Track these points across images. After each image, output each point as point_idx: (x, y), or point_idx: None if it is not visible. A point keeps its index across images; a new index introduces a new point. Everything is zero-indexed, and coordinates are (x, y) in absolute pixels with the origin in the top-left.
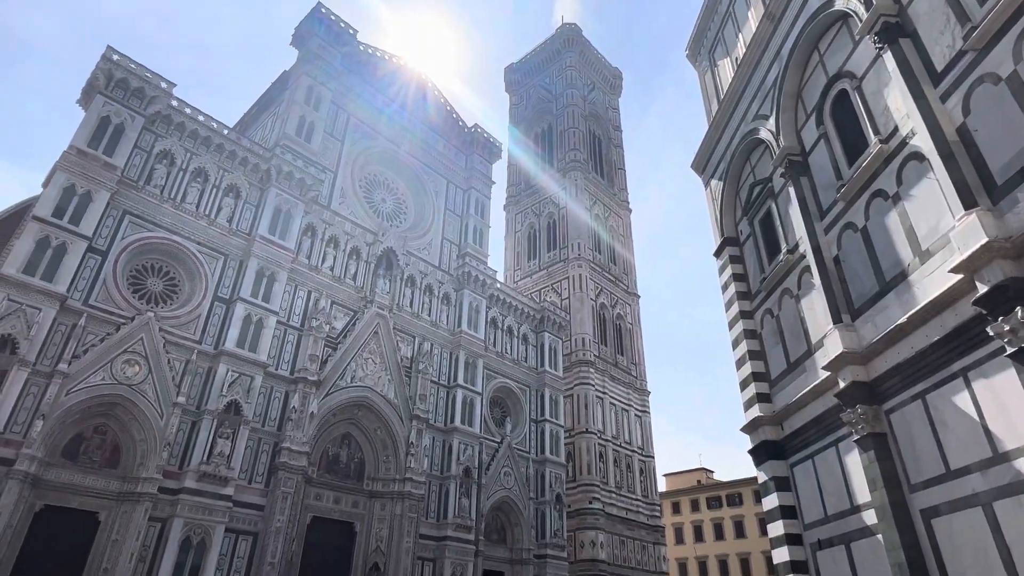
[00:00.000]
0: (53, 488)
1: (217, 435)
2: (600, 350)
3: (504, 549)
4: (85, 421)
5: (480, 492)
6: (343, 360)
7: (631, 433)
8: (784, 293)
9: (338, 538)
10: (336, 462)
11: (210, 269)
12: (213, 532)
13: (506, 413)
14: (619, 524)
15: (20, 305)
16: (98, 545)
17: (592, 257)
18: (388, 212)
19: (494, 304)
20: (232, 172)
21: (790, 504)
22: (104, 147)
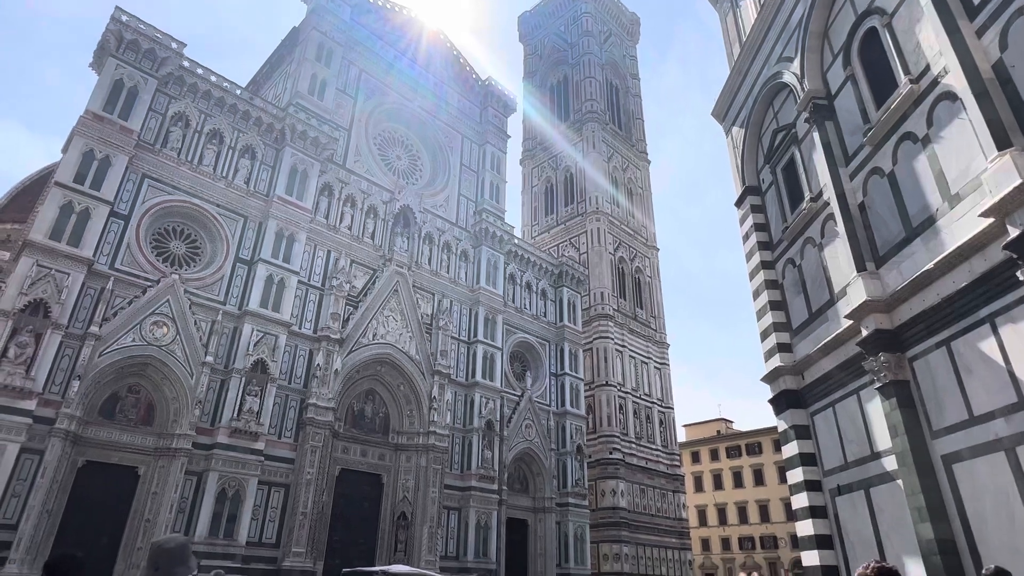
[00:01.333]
0: (93, 445)
1: (246, 393)
2: (619, 304)
3: (527, 498)
4: (119, 381)
5: (502, 444)
6: (364, 318)
7: (651, 385)
8: (807, 242)
9: (366, 489)
10: (361, 417)
11: (230, 231)
12: (247, 484)
13: (526, 367)
14: (639, 473)
15: (49, 270)
16: (139, 497)
17: (610, 210)
18: (403, 170)
19: (512, 260)
20: (247, 133)
21: (810, 452)
22: (119, 111)
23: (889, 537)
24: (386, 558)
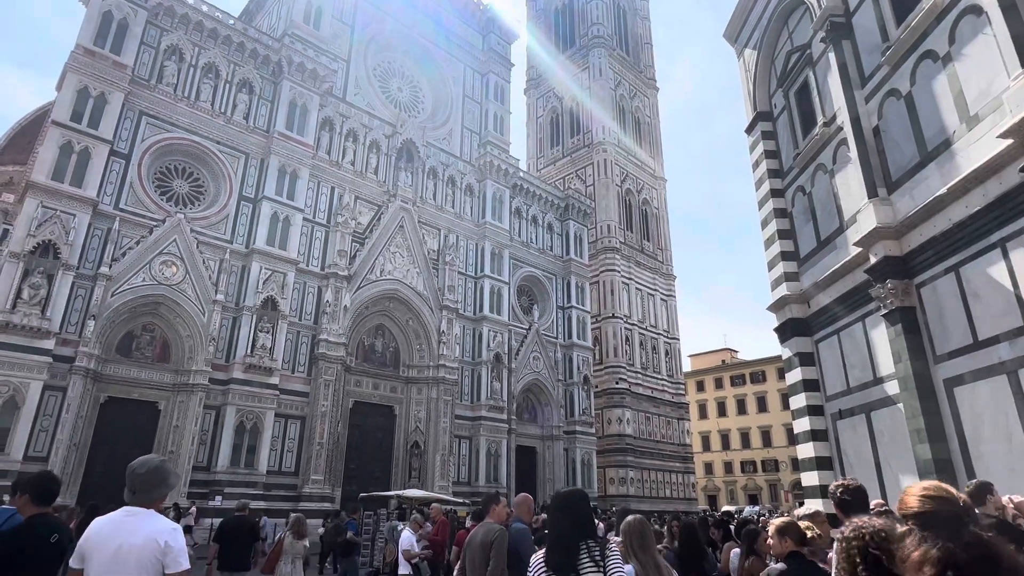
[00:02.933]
0: (113, 382)
1: (258, 330)
2: (626, 236)
3: (535, 427)
4: (133, 320)
5: (511, 376)
6: (371, 255)
7: (657, 317)
8: (818, 169)
9: (379, 420)
10: (372, 351)
11: (232, 168)
12: (264, 417)
13: (533, 301)
14: (645, 402)
15: (55, 211)
16: (161, 430)
17: (617, 141)
18: (405, 102)
19: (518, 194)
20: (243, 66)
21: (813, 378)
22: (111, 45)
23: (887, 458)
24: (401, 484)
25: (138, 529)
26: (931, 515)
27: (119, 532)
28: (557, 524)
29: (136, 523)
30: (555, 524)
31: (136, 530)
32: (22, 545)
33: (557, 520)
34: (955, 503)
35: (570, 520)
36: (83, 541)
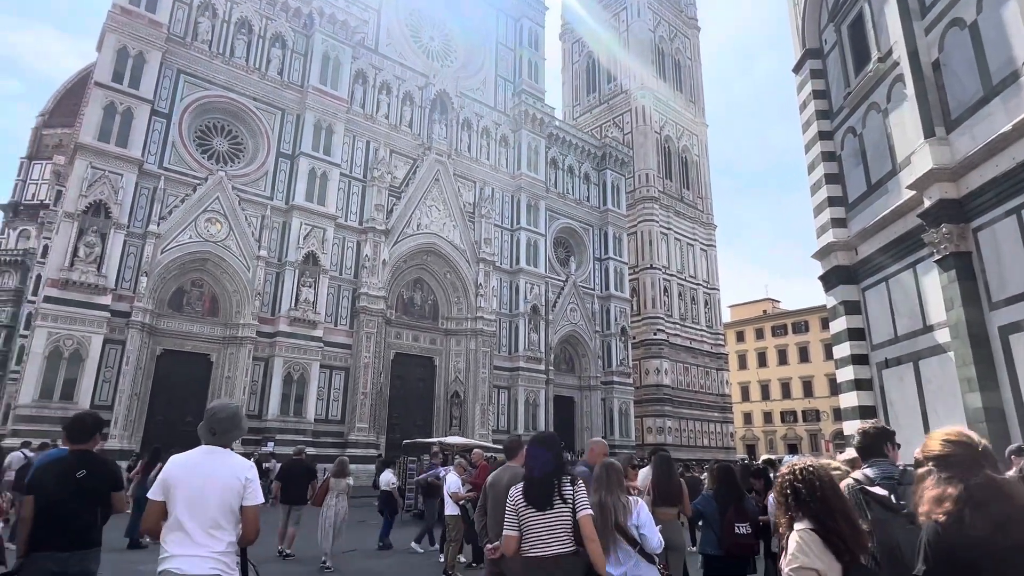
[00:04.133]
0: (167, 335)
1: (300, 284)
2: (665, 185)
3: (573, 377)
4: (183, 276)
5: (548, 327)
6: (407, 208)
7: (696, 267)
8: (871, 108)
9: (420, 371)
10: (411, 304)
11: (269, 125)
12: (310, 368)
13: (570, 252)
14: (683, 353)
15: (103, 172)
16: (214, 381)
17: (656, 86)
18: (437, 51)
19: (553, 143)
20: (275, 20)
21: (859, 327)
22: (145, 3)
23: (935, 407)
24: (442, 432)
25: (220, 466)
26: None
27: (203, 468)
28: (534, 464)
29: (217, 460)
30: (532, 464)
31: (218, 467)
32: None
33: (534, 460)
34: (974, 448)
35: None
36: (166, 476)
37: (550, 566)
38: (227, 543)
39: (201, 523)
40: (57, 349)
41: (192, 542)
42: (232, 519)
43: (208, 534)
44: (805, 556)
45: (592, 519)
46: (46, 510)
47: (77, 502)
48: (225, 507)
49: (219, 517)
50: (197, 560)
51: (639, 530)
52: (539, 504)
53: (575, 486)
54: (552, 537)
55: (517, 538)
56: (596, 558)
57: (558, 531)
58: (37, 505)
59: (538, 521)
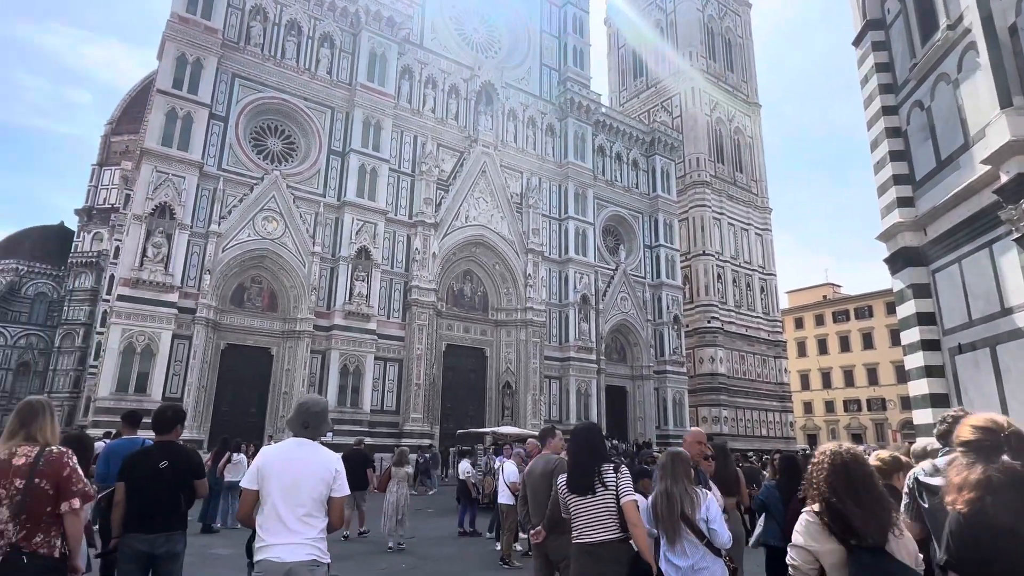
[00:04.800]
0: (230, 330)
1: (354, 278)
2: (716, 169)
3: (625, 367)
4: (243, 273)
5: (598, 317)
6: (456, 201)
7: (751, 252)
8: (939, 79)
9: (471, 362)
10: (461, 296)
11: (320, 124)
12: (365, 360)
13: (619, 241)
14: (738, 340)
15: (167, 175)
16: (275, 373)
17: (706, 67)
18: (481, 43)
19: (600, 130)
20: (323, 20)
21: (929, 311)
22: (201, 10)
23: (1015, 394)
24: (494, 422)
25: (312, 458)
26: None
27: (296, 460)
28: (575, 453)
29: (308, 452)
30: (573, 453)
31: (310, 459)
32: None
33: (575, 449)
34: (998, 433)
35: (586, 450)
36: (261, 466)
37: (598, 552)
38: (319, 530)
39: (296, 512)
40: (130, 345)
41: (288, 530)
42: (322, 508)
43: (302, 521)
44: (801, 536)
45: (635, 505)
46: (134, 496)
47: (161, 489)
48: (317, 497)
49: (311, 506)
50: (294, 547)
51: (708, 525)
52: (580, 490)
53: (618, 473)
54: (597, 523)
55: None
56: (640, 543)
57: (602, 517)
58: (127, 491)
59: (582, 507)
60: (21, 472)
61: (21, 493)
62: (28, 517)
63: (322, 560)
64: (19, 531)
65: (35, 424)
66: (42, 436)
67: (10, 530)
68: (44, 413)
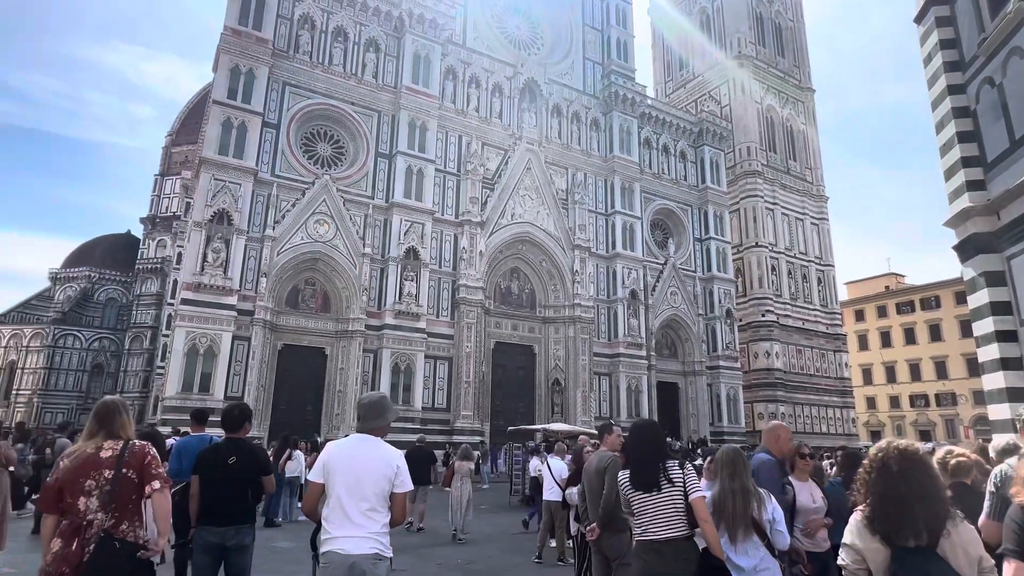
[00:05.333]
0: (286, 331)
1: (403, 278)
2: (768, 157)
3: (676, 362)
4: (297, 275)
5: (648, 312)
6: (501, 199)
7: (806, 243)
8: (1012, 53)
9: (520, 359)
10: (509, 293)
11: (367, 127)
12: (415, 359)
13: (668, 235)
14: (795, 334)
15: (224, 183)
16: (329, 373)
17: (755, 53)
18: (524, 40)
19: (646, 123)
20: (368, 25)
21: (1004, 300)
22: (252, 22)
23: None
24: (544, 419)
25: (372, 453)
26: None
27: (359, 455)
28: (637, 449)
29: (370, 448)
30: (635, 449)
31: (371, 454)
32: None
33: (637, 446)
34: None
35: (648, 447)
36: (326, 461)
37: (664, 549)
38: (382, 524)
39: (359, 506)
40: (194, 346)
41: (352, 523)
42: (385, 503)
43: (365, 515)
44: (848, 535)
45: (705, 501)
46: (206, 490)
47: (230, 484)
48: (379, 492)
49: (374, 500)
50: (357, 540)
51: (773, 525)
52: (645, 487)
53: (684, 469)
54: (664, 520)
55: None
56: (711, 539)
57: (669, 514)
58: (200, 486)
59: (647, 504)
60: (109, 464)
61: (110, 483)
62: (117, 506)
63: (384, 554)
64: (108, 519)
65: (115, 422)
66: (124, 432)
67: (100, 518)
68: (121, 411)
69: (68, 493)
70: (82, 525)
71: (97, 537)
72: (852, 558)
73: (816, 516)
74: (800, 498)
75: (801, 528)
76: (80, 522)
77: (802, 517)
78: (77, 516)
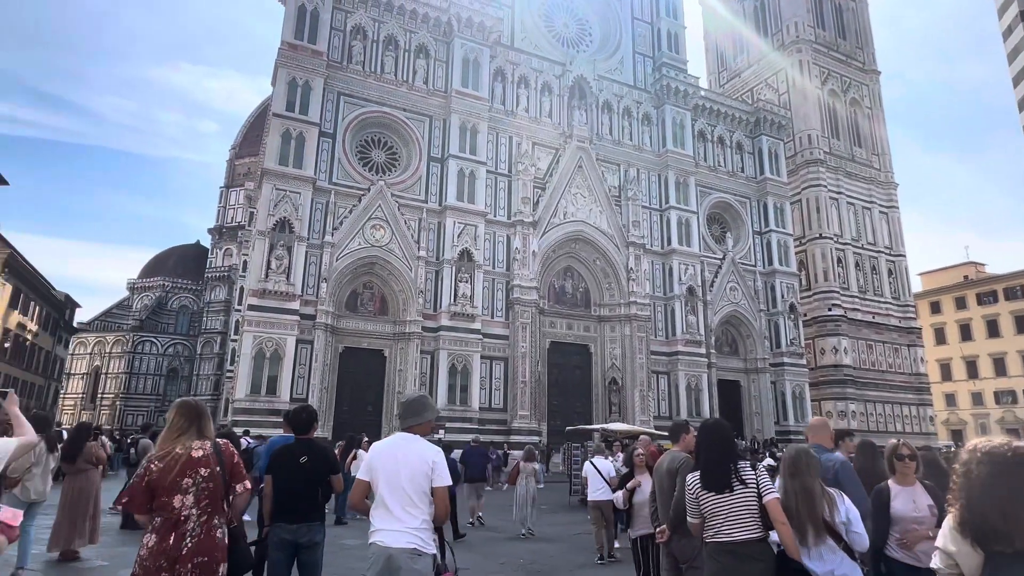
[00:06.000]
0: (346, 334)
1: (458, 280)
2: (831, 145)
3: (737, 360)
4: (355, 280)
5: (706, 308)
6: (553, 199)
7: (875, 232)
8: None
9: (576, 358)
10: (563, 293)
11: (419, 133)
12: (471, 359)
13: (726, 228)
14: (864, 329)
15: (285, 192)
16: (388, 374)
17: (814, 36)
18: (572, 38)
19: (700, 115)
20: (417, 32)
21: None
22: (307, 36)
23: None
24: (601, 419)
25: (411, 450)
26: None
27: (397, 452)
28: (707, 450)
29: (408, 446)
30: (706, 450)
31: (409, 451)
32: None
33: (707, 447)
34: None
35: (719, 447)
36: (370, 459)
37: (739, 551)
38: (421, 520)
39: (399, 501)
40: (260, 350)
41: (393, 518)
42: (424, 498)
43: (405, 511)
44: (941, 538)
45: (780, 502)
46: (279, 489)
47: (302, 483)
48: (416, 487)
49: (412, 496)
50: (396, 534)
51: (849, 527)
52: (717, 488)
53: (756, 470)
54: (737, 522)
55: (699, 525)
56: (788, 541)
57: (743, 516)
58: (273, 485)
59: (719, 506)
60: (204, 463)
61: (206, 480)
62: (210, 502)
63: (423, 550)
64: (201, 516)
65: (201, 422)
66: (208, 432)
67: (195, 514)
68: (206, 413)
69: (163, 492)
70: (178, 520)
71: (195, 534)
72: (944, 562)
73: (918, 526)
74: (896, 504)
75: (898, 538)
76: (176, 518)
77: (900, 526)
78: (171, 513)
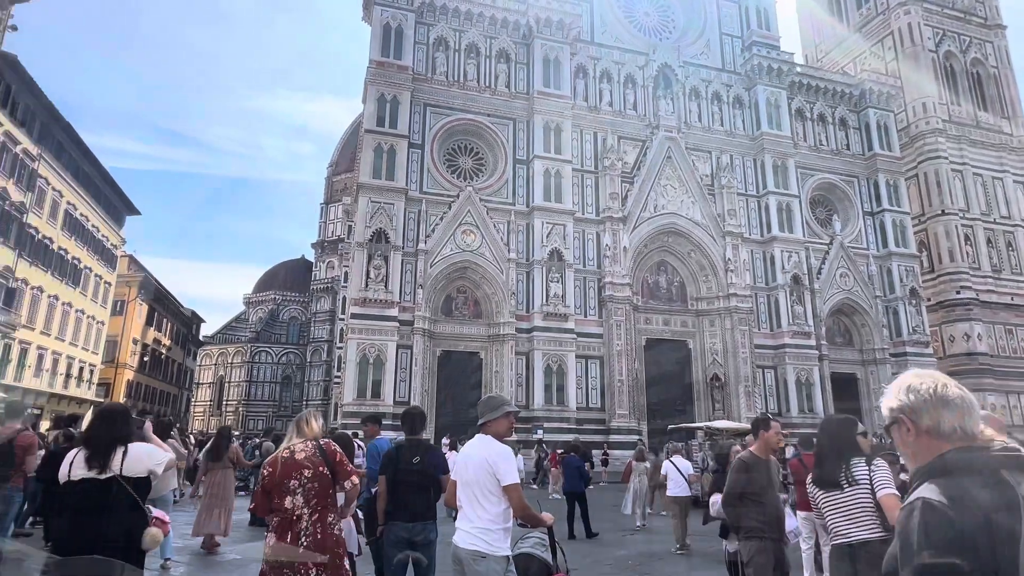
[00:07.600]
0: (443, 338)
1: (548, 280)
2: (951, 111)
3: (852, 351)
4: (449, 285)
5: (814, 297)
6: (642, 192)
7: (1009, 204)
8: None
9: (673, 355)
10: (657, 288)
11: (504, 136)
12: (566, 359)
13: (832, 211)
14: (1002, 312)
15: (380, 204)
16: (485, 376)
17: None
18: (654, 27)
19: (797, 92)
20: (497, 37)
21: None
22: (393, 52)
23: None
24: (704, 416)
25: (480, 450)
26: None
27: (472, 452)
28: (821, 446)
29: (480, 446)
30: (820, 446)
31: (479, 451)
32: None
33: (822, 443)
34: None
35: (828, 444)
36: (457, 459)
37: (857, 553)
38: (488, 518)
39: (467, 499)
40: (364, 356)
41: (464, 516)
42: (489, 496)
43: (473, 509)
44: None
45: (896, 498)
46: (394, 489)
47: (415, 483)
48: (482, 486)
49: (479, 495)
50: (463, 534)
51: None
52: (827, 486)
53: (871, 465)
54: (852, 521)
55: None
56: None
57: (858, 514)
58: (387, 484)
59: (834, 505)
60: (306, 464)
61: (311, 480)
62: (318, 500)
63: (486, 552)
64: (312, 514)
65: (300, 426)
66: (310, 432)
67: (306, 514)
68: (305, 417)
69: (275, 495)
70: (292, 519)
71: (309, 534)
72: None
73: None
74: None
75: None
76: (290, 517)
77: None
78: (285, 514)
